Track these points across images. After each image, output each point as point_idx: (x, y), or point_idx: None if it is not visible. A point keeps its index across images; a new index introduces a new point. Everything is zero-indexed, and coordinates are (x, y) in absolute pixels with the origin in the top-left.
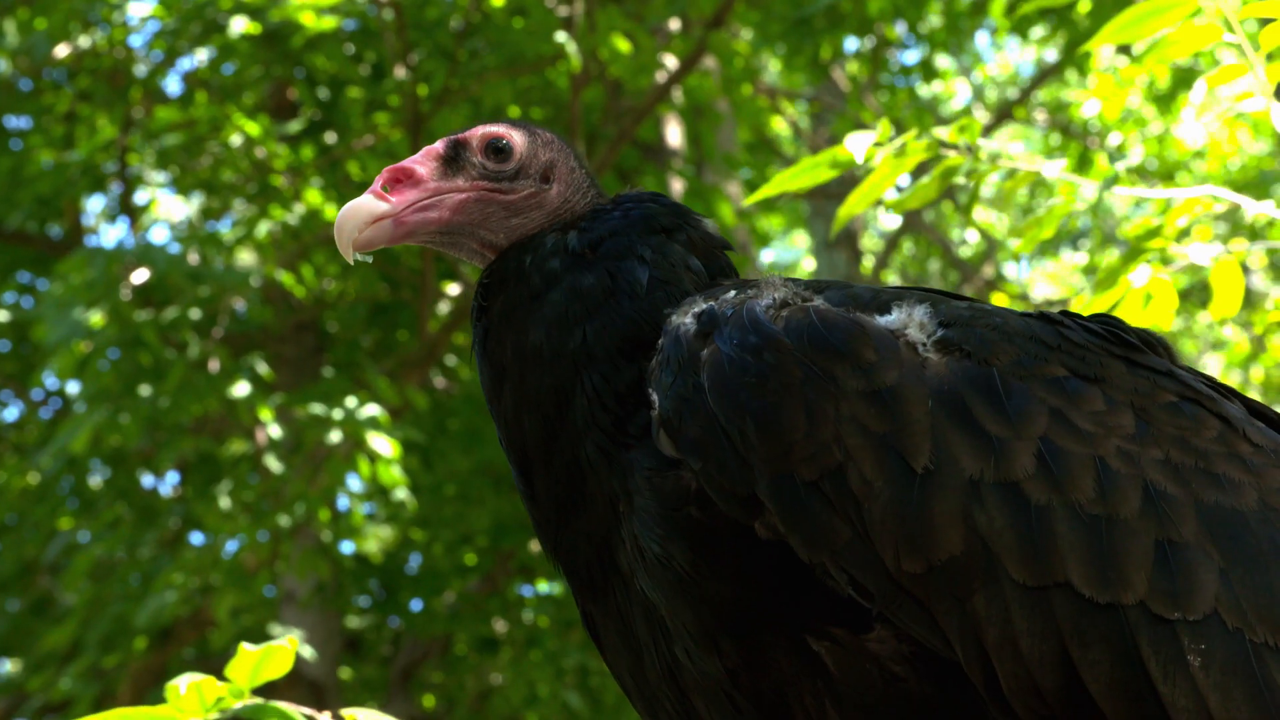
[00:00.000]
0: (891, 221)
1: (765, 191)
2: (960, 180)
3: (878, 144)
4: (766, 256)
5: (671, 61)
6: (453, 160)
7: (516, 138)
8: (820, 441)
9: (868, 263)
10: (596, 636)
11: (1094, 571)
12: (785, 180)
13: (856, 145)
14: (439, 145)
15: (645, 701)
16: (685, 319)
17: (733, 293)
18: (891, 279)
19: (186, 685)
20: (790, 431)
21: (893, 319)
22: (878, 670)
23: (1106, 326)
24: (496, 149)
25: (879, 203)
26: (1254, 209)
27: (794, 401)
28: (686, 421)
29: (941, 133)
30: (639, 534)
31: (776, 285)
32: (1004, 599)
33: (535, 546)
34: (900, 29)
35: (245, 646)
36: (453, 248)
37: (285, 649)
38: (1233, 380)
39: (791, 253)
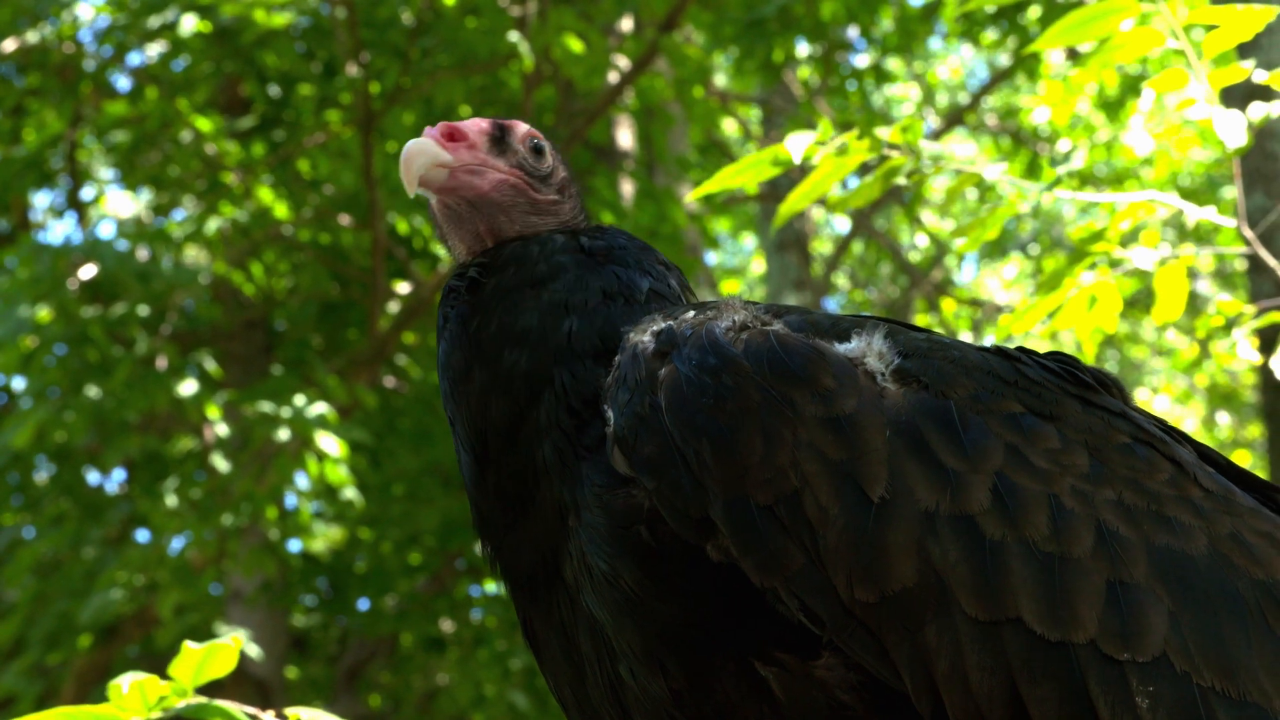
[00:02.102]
0: (842, 225)
1: (709, 187)
2: (903, 181)
3: (819, 143)
4: (715, 259)
5: (624, 62)
6: (499, 141)
7: (548, 146)
8: (777, 466)
9: (817, 266)
10: (535, 645)
11: (1045, 609)
12: (729, 176)
13: (796, 144)
14: (486, 123)
15: (585, 717)
16: (643, 337)
17: (691, 313)
18: (841, 282)
19: (129, 684)
20: (746, 455)
21: (851, 347)
22: (824, 697)
23: (1062, 364)
24: (537, 148)
25: (823, 202)
26: (1196, 214)
27: (751, 425)
28: (642, 440)
29: (883, 133)
30: (586, 550)
31: (736, 307)
32: (955, 632)
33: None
34: (852, 33)
35: (189, 645)
36: (457, 222)
37: (229, 647)
38: (1177, 385)
39: (741, 254)
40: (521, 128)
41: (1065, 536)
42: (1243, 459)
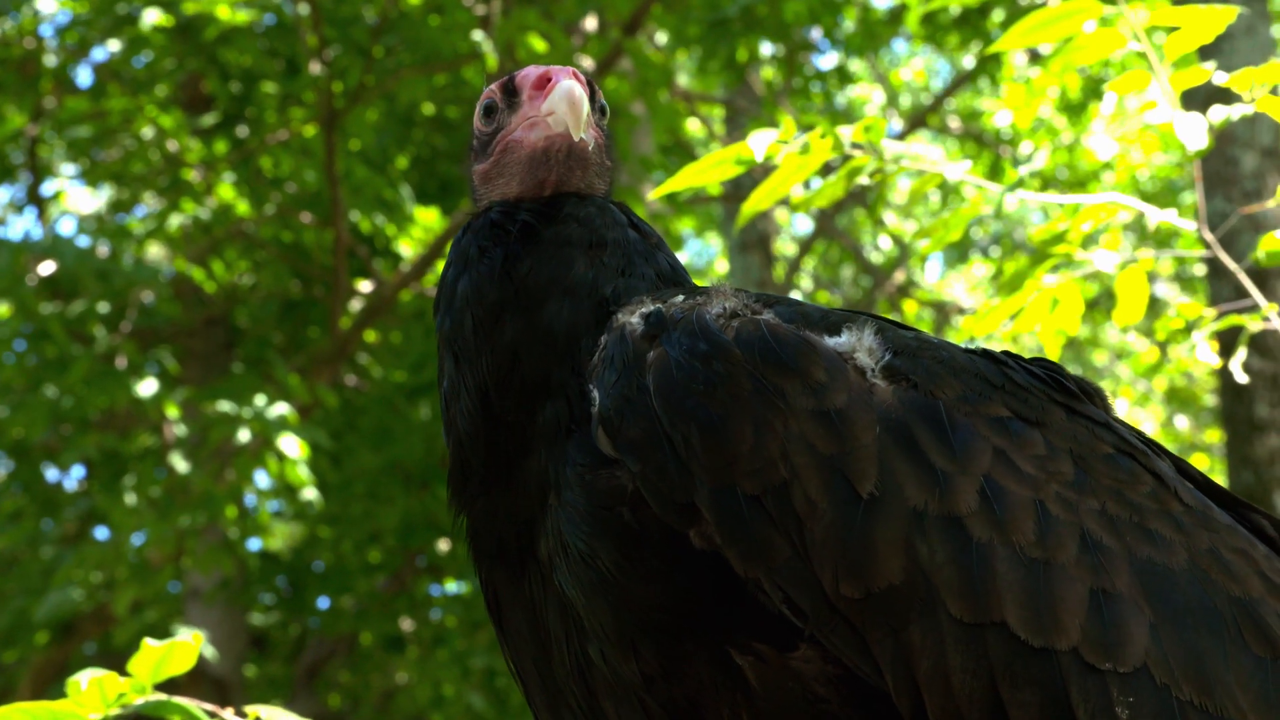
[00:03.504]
0: (805, 226)
1: (671, 185)
2: (865, 180)
3: (782, 141)
4: (680, 259)
5: (587, 63)
6: (591, 98)
7: None
8: (766, 457)
9: (780, 267)
10: (499, 615)
11: (1030, 614)
12: (691, 175)
13: (758, 142)
14: (583, 77)
15: (548, 696)
16: (632, 318)
17: (681, 297)
18: (804, 283)
19: (88, 681)
20: (736, 443)
21: (842, 341)
22: (800, 689)
23: (1047, 371)
24: (603, 109)
25: (786, 202)
26: (1157, 217)
27: (742, 413)
28: (628, 422)
29: (846, 132)
30: (564, 529)
31: (726, 294)
32: (940, 633)
33: (444, 546)
34: (816, 34)
35: (149, 642)
36: (538, 166)
37: (188, 645)
38: (1137, 390)
39: (705, 255)
40: (596, 87)
41: (1051, 543)
42: (1200, 462)
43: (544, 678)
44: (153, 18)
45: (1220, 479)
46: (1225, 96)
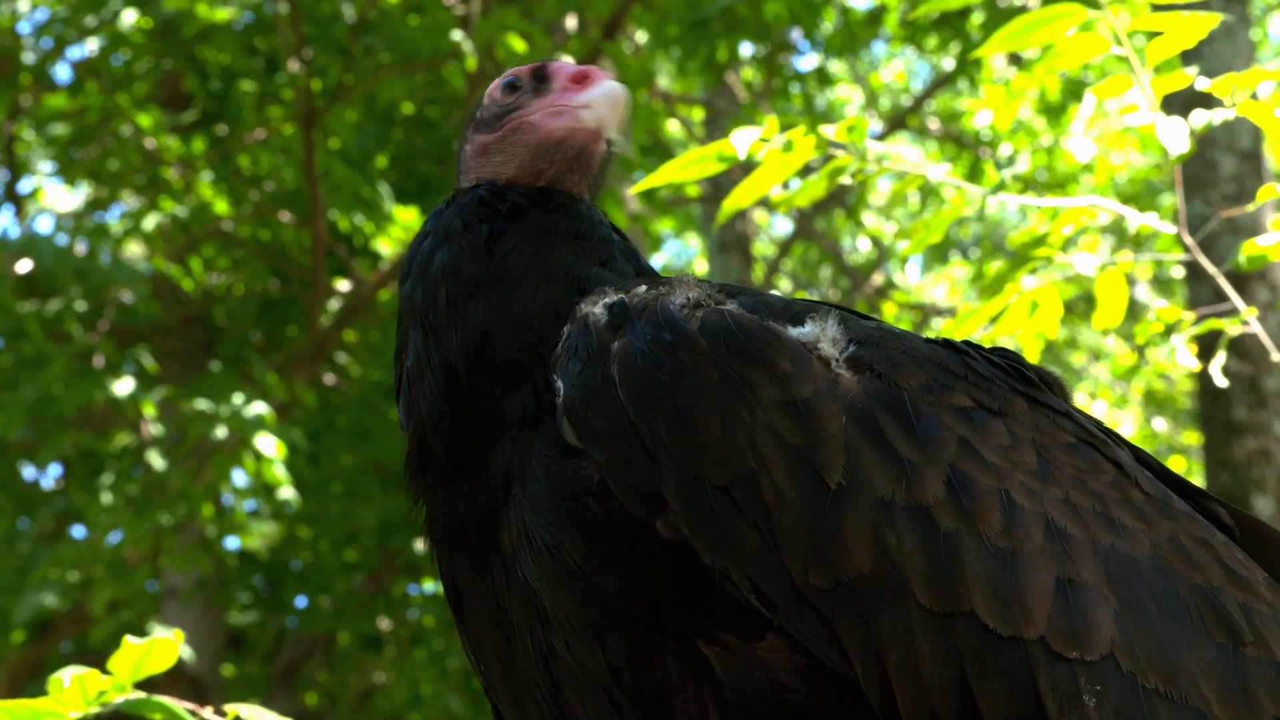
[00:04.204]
0: (784, 227)
1: (651, 181)
2: (847, 180)
3: (764, 139)
4: (659, 259)
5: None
6: None
7: None
8: (734, 447)
9: (760, 268)
10: (458, 604)
11: (998, 604)
12: (673, 171)
13: (741, 140)
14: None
15: (511, 689)
16: (595, 309)
17: (644, 287)
18: (783, 284)
19: (69, 679)
20: (703, 434)
21: (806, 331)
22: (767, 679)
23: (1008, 360)
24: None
25: (766, 202)
26: (1137, 220)
27: (708, 404)
28: (593, 412)
29: (828, 131)
30: (529, 521)
31: (690, 284)
32: (909, 622)
33: (421, 545)
34: (796, 35)
35: (130, 639)
36: (543, 155)
37: (169, 642)
38: (1115, 392)
39: (685, 256)
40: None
41: (1017, 532)
42: (1178, 465)
43: (507, 670)
44: (131, 18)
45: (1198, 481)
46: (1205, 100)
